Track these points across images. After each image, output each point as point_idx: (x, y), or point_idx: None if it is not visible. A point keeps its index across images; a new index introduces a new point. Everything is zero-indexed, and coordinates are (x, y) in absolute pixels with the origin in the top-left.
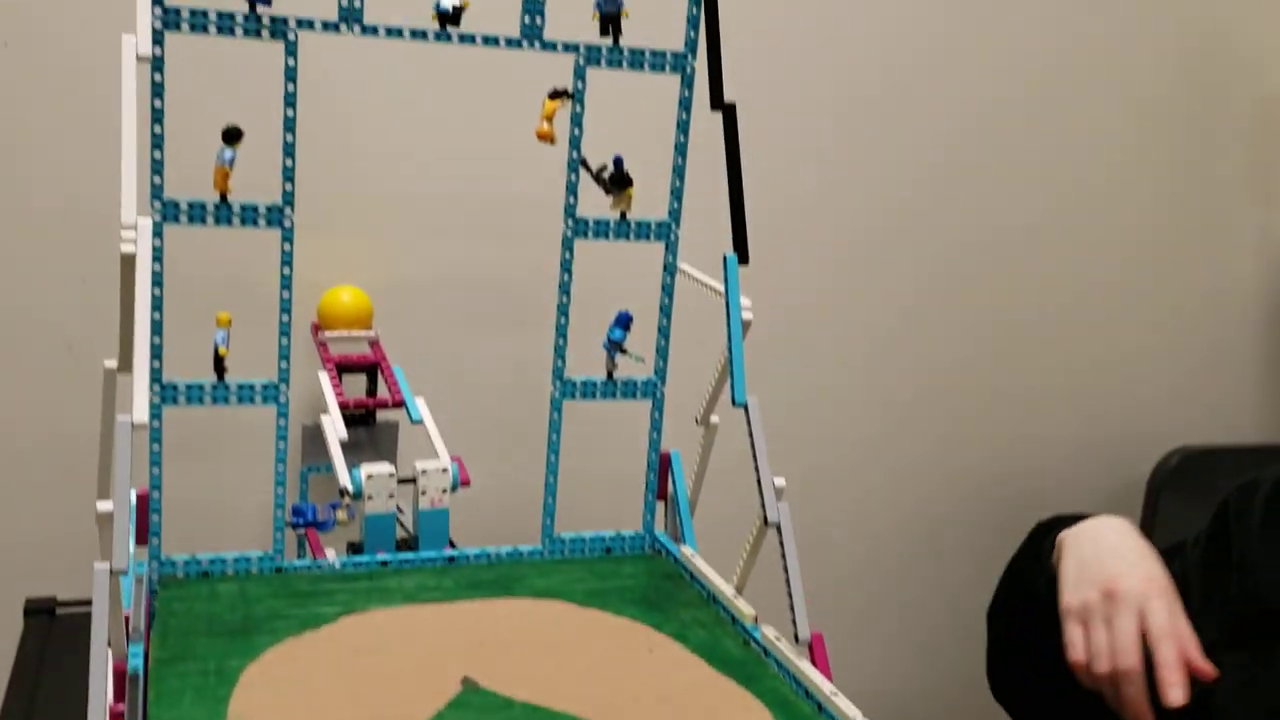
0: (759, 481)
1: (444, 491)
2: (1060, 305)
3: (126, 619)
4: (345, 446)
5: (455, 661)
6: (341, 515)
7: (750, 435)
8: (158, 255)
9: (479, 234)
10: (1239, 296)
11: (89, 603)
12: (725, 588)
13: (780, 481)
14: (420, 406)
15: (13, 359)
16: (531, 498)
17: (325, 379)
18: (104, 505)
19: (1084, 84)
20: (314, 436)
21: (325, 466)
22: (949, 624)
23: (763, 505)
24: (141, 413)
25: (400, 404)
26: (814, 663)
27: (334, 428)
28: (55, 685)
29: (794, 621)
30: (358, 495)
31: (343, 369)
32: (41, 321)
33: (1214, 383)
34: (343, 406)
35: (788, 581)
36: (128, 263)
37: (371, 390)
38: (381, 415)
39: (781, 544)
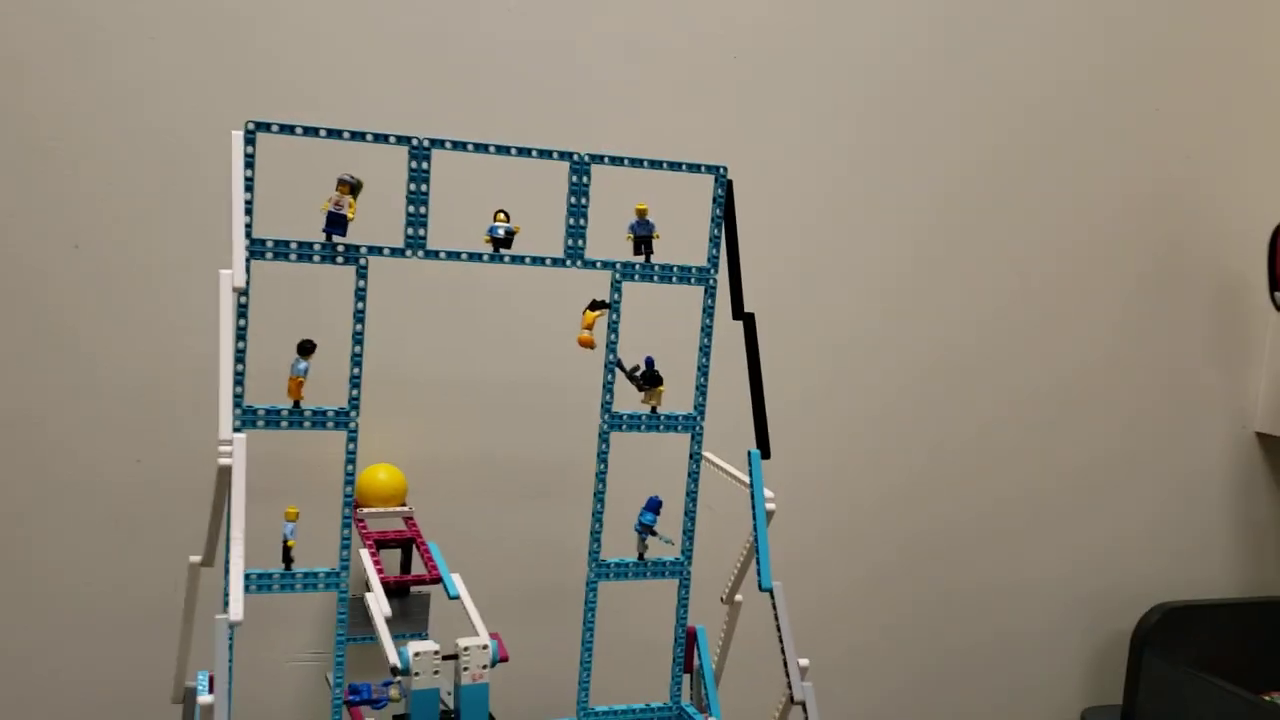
0: (784, 661)
1: (484, 667)
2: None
3: None
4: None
5: None
6: (394, 693)
7: (775, 617)
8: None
9: (514, 417)
10: (1213, 466)
11: None
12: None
13: (804, 662)
14: (456, 582)
15: None
16: (564, 667)
17: (367, 557)
18: (205, 698)
19: (1069, 284)
20: (354, 609)
21: (362, 638)
22: None
23: (789, 683)
24: (238, 613)
25: (437, 580)
26: None
27: (379, 606)
28: None
29: None
30: (405, 671)
31: (380, 544)
32: None
33: (1191, 546)
34: (383, 583)
35: None
36: (224, 474)
37: (406, 564)
38: (415, 587)
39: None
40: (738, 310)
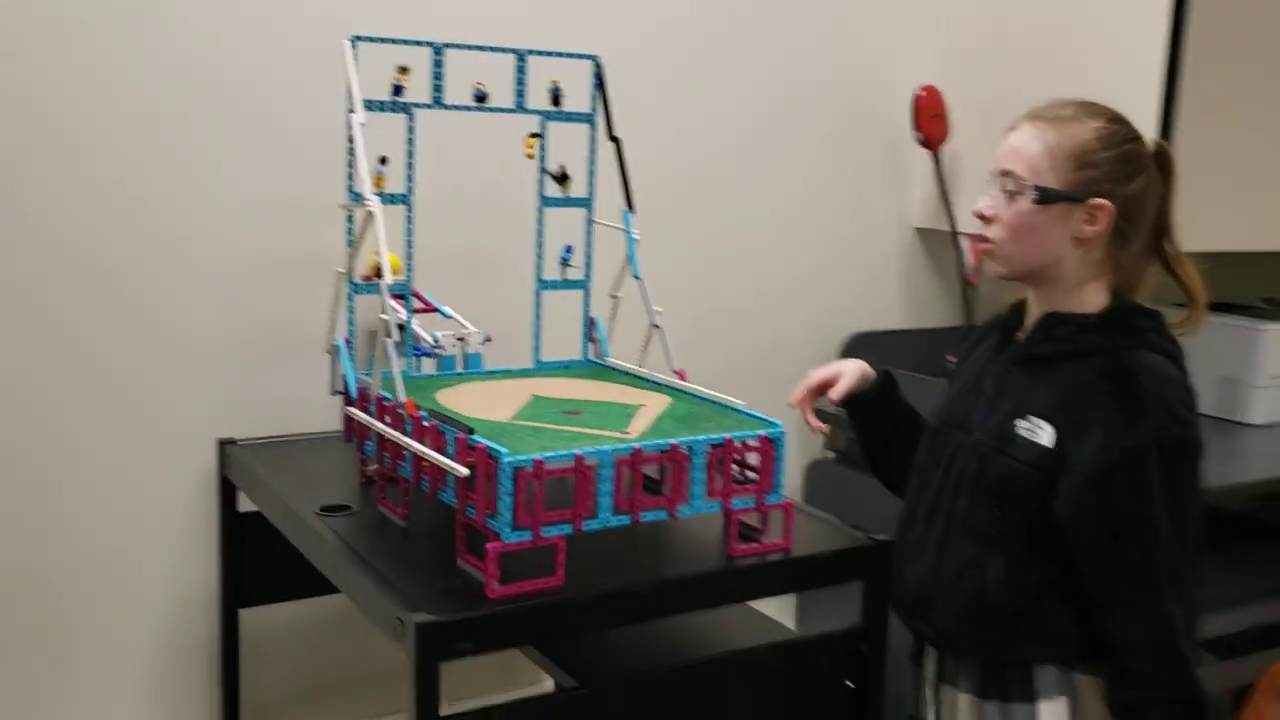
0: (648, 307)
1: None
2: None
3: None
4: None
5: (523, 392)
6: None
7: (643, 292)
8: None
9: (493, 205)
10: (887, 236)
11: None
12: (639, 369)
13: (659, 308)
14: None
15: None
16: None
17: None
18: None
19: (776, 123)
20: None
21: None
22: None
23: (649, 311)
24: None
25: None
26: (680, 378)
27: None
28: None
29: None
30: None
31: None
32: None
33: (872, 294)
34: None
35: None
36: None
37: None
38: None
39: (663, 341)
40: (611, 135)
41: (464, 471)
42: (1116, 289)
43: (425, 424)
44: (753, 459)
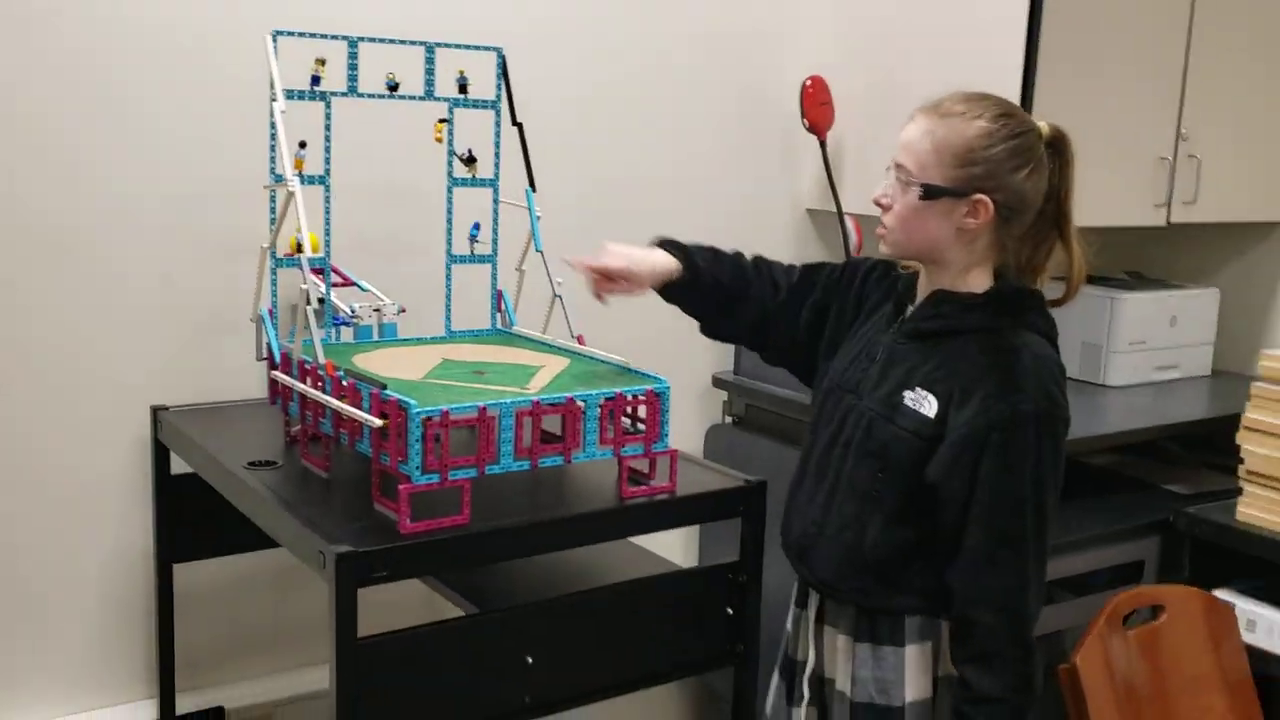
0: (550, 279)
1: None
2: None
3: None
4: None
5: (434, 356)
6: None
7: (544, 265)
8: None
9: (396, 193)
10: (779, 218)
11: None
12: (542, 336)
13: (560, 279)
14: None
15: None
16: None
17: None
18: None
19: (675, 107)
20: None
21: None
22: None
23: (551, 283)
24: None
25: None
26: (579, 342)
27: None
28: None
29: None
30: None
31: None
32: None
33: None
34: None
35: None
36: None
37: None
38: None
39: (564, 309)
40: (514, 121)
41: (378, 423)
42: (1003, 270)
43: (343, 383)
44: (642, 412)
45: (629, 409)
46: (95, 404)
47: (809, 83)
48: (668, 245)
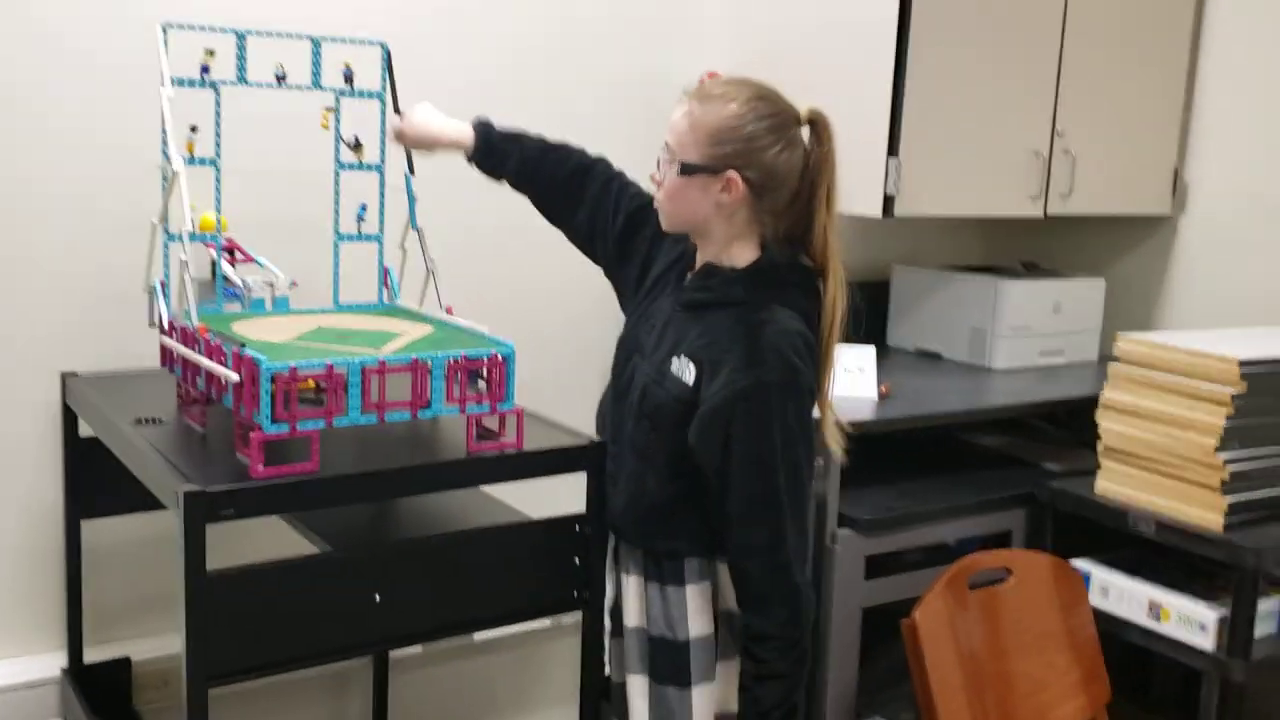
0: (425, 256)
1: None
2: None
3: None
4: None
5: (311, 323)
6: None
7: (420, 242)
8: None
9: (287, 174)
10: None
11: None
12: (418, 309)
13: (434, 257)
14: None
15: None
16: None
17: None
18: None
19: (562, 100)
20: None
21: None
22: None
23: (425, 259)
24: None
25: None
26: (449, 313)
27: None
28: None
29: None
30: None
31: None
32: None
33: None
34: None
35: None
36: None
37: None
38: None
39: (435, 283)
40: (396, 109)
41: (235, 377)
42: (767, 244)
43: (211, 343)
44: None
45: (483, 370)
46: (9, 372)
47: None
48: (479, 124)
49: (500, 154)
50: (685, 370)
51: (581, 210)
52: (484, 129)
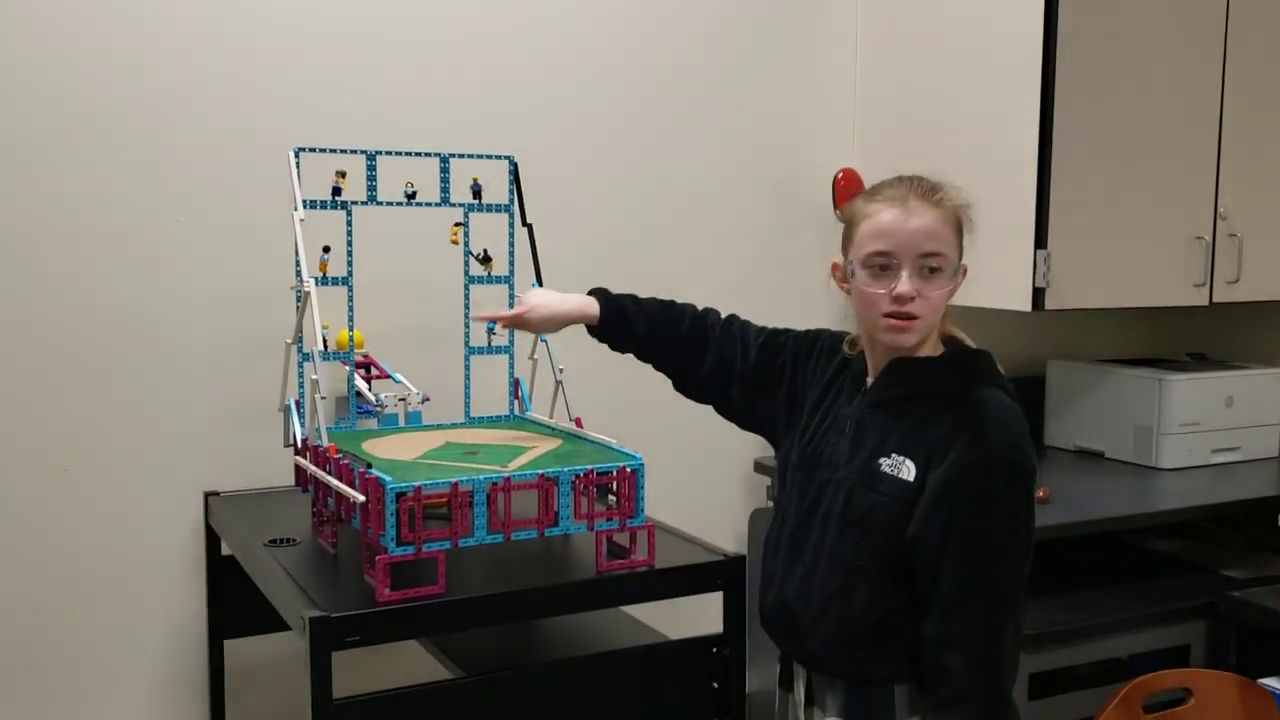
0: (553, 367)
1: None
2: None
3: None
4: None
5: (439, 439)
6: None
7: (548, 354)
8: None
9: (419, 288)
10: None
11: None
12: (549, 420)
13: (563, 366)
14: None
15: None
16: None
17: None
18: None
19: (709, 203)
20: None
21: None
22: None
23: (554, 370)
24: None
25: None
26: (577, 424)
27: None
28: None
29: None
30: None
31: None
32: None
33: None
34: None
35: (565, 401)
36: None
37: None
38: None
39: (564, 394)
40: (524, 221)
41: (360, 497)
42: (948, 333)
43: (340, 463)
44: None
45: (612, 485)
46: (155, 492)
47: (840, 175)
48: (596, 292)
49: (627, 316)
50: (901, 467)
51: (708, 356)
52: (605, 296)
